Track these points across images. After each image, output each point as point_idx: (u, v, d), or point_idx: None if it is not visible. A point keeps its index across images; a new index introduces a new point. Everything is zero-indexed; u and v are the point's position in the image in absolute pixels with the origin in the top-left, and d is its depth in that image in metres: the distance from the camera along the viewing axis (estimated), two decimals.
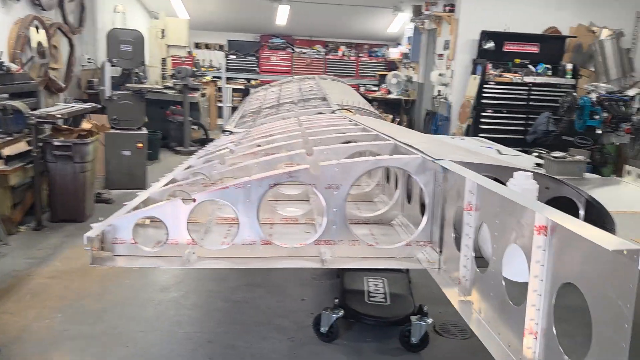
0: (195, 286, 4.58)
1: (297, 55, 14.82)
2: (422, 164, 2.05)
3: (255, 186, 2.02)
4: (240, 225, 2.05)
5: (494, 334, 1.43)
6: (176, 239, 2.03)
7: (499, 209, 1.43)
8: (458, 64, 10.01)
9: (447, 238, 1.90)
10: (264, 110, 7.13)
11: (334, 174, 2.03)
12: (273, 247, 2.08)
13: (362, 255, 2.10)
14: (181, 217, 2.02)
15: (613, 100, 7.76)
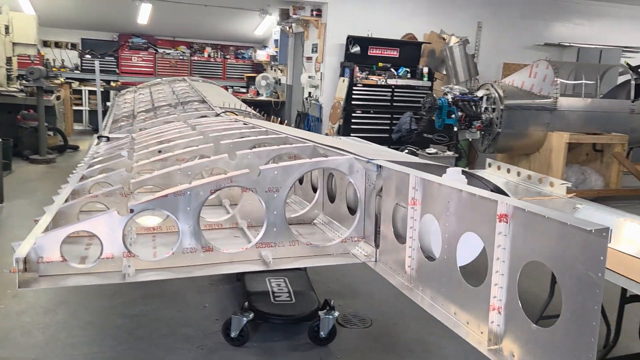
0: (83, 304, 4.27)
1: (161, 56, 14.27)
2: (354, 165, 2.17)
3: (196, 193, 1.99)
4: (181, 233, 2.00)
5: (450, 315, 1.59)
6: (111, 253, 1.93)
7: (450, 202, 1.60)
8: (327, 66, 10.41)
9: (385, 232, 2.04)
10: (140, 114, 6.81)
11: (274, 177, 2.07)
12: (215, 253, 2.06)
13: (302, 254, 2.17)
14: (117, 229, 1.92)
15: (465, 101, 8.64)
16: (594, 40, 11.87)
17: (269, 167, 2.08)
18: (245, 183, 2.06)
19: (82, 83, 13.74)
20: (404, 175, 1.86)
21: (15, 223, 6.22)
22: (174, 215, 1.98)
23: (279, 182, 2.08)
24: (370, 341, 3.99)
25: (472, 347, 3.88)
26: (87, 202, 2.42)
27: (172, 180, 2.48)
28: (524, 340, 1.31)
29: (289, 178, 2.10)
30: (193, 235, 2.01)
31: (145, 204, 1.94)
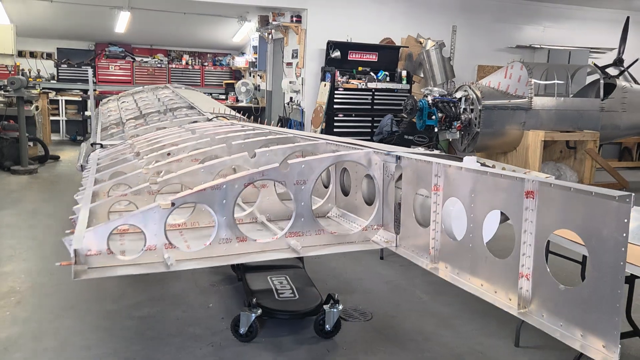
0: (91, 308, 4.32)
1: (138, 65, 14.24)
2: (373, 157, 2.34)
3: (231, 186, 2.12)
4: (217, 225, 2.13)
5: (477, 287, 1.76)
6: (154, 245, 2.05)
7: (475, 184, 1.77)
8: (308, 71, 10.59)
9: (406, 219, 2.21)
10: (129, 121, 6.86)
11: (301, 171, 2.22)
12: (248, 243, 2.19)
13: (327, 242, 2.32)
14: (159, 222, 2.04)
15: (445, 102, 8.91)
16: (563, 42, 12.35)
17: (297, 161, 2.22)
18: (275, 176, 2.20)
19: (58, 93, 13.61)
20: (425, 164, 2.03)
21: (6, 233, 6.19)
22: (211, 208, 2.11)
23: (306, 175, 2.23)
24: (373, 333, 4.15)
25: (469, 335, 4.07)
26: (116, 200, 2.52)
27: (195, 178, 2.60)
28: (552, 301, 1.49)
29: (315, 171, 2.25)
30: (228, 227, 2.14)
31: (185, 197, 2.07)
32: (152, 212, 2.02)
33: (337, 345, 3.93)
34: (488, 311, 4.55)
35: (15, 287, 4.66)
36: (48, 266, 5.18)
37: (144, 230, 2.02)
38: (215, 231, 2.13)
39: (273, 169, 2.19)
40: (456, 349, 3.93)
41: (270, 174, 2.18)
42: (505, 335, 4.14)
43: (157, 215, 2.02)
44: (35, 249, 5.68)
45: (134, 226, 2.02)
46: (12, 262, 5.24)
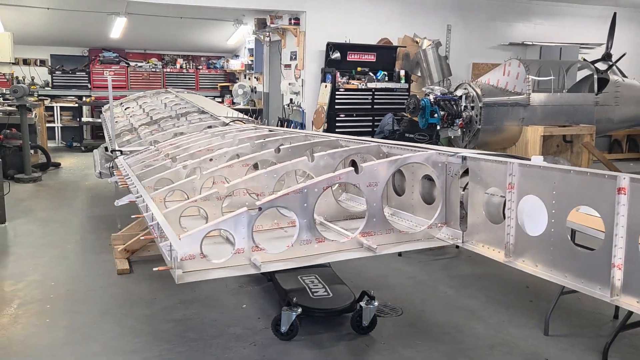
0: (125, 313, 4.37)
1: (133, 70, 14.19)
2: (437, 158, 2.46)
3: (312, 190, 2.22)
4: (299, 227, 2.23)
5: (561, 278, 1.89)
6: (242, 248, 2.14)
7: (556, 182, 1.89)
8: (307, 73, 10.68)
9: (474, 216, 2.33)
10: (141, 127, 6.90)
11: (374, 173, 2.33)
12: (326, 243, 2.30)
13: (396, 241, 2.43)
14: (247, 226, 2.13)
15: (446, 100, 9.08)
16: (553, 38, 12.62)
17: (370, 164, 2.33)
18: (350, 179, 2.30)
19: (53, 99, 13.52)
20: (496, 164, 2.16)
21: (24, 241, 6.20)
22: (293, 211, 2.21)
23: (377, 177, 2.34)
24: (407, 327, 4.27)
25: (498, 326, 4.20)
26: (187, 207, 2.60)
27: (260, 182, 2.70)
28: None
29: (386, 173, 2.36)
30: (308, 229, 2.24)
31: (270, 202, 2.16)
32: (241, 216, 2.11)
33: (375, 340, 4.05)
34: (512, 303, 4.72)
35: (48, 294, 4.69)
36: (75, 273, 5.22)
37: (233, 234, 2.11)
38: (297, 233, 2.23)
39: (349, 172, 2.29)
40: (488, 340, 4.07)
41: (347, 177, 2.29)
42: (533, 326, 4.30)
43: (246, 219, 2.12)
44: (58, 256, 5.70)
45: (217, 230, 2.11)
46: (38, 271, 5.26)
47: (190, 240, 2.04)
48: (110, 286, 4.93)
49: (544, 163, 2.02)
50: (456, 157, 2.39)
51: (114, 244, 5.93)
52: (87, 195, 8.64)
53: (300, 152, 3.39)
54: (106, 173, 5.80)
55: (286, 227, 2.84)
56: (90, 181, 9.70)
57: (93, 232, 6.61)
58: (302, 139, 3.92)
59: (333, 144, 3.42)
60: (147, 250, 5.66)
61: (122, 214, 6.34)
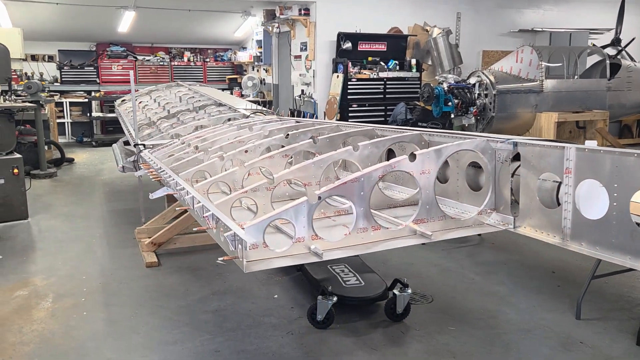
0: (160, 305, 4.42)
1: (141, 64, 14.19)
2: (487, 145, 2.48)
3: (368, 178, 2.25)
4: (356, 215, 2.26)
5: (624, 260, 1.93)
6: (302, 236, 2.18)
7: (618, 166, 1.92)
8: (319, 64, 10.68)
9: (526, 201, 2.36)
10: (160, 120, 6.93)
11: (426, 161, 2.36)
12: (382, 231, 2.33)
13: (448, 227, 2.46)
14: (307, 215, 2.16)
15: (460, 89, 9.09)
16: (563, 24, 12.58)
17: (423, 152, 2.36)
18: (404, 167, 2.33)
19: (62, 95, 13.54)
20: (552, 149, 2.18)
21: (50, 237, 6.25)
22: (350, 200, 2.24)
23: (430, 165, 2.37)
24: (439, 314, 4.32)
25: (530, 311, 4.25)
26: (238, 198, 2.64)
27: (308, 172, 2.73)
28: None
29: (438, 160, 2.39)
30: (365, 217, 2.28)
31: (330, 191, 2.19)
32: (302, 206, 2.14)
33: (409, 327, 4.10)
34: (541, 289, 4.77)
35: (81, 288, 4.75)
36: (104, 267, 5.28)
37: (294, 223, 2.15)
38: (354, 221, 2.27)
39: (402, 160, 2.32)
40: (522, 325, 4.11)
41: (401, 165, 2.32)
42: (565, 310, 4.34)
43: (306, 208, 2.15)
44: (85, 251, 5.76)
45: None
46: (67, 265, 5.31)
47: (254, 230, 2.08)
48: (141, 279, 4.99)
49: (602, 147, 2.05)
50: (507, 144, 2.42)
51: (139, 237, 5.98)
52: (104, 190, 8.69)
53: (337, 142, 3.42)
54: (129, 167, 5.84)
55: (333, 217, 2.88)
56: (105, 176, 9.75)
57: (115, 226, 6.66)
58: (335, 129, 3.94)
59: (369, 134, 3.45)
60: (174, 243, 5.70)
61: (146, 208, 6.39)
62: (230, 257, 2.08)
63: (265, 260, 2.09)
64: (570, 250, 2.17)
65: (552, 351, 3.74)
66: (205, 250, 5.71)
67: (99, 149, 12.87)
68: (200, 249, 5.74)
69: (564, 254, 5.48)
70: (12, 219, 6.76)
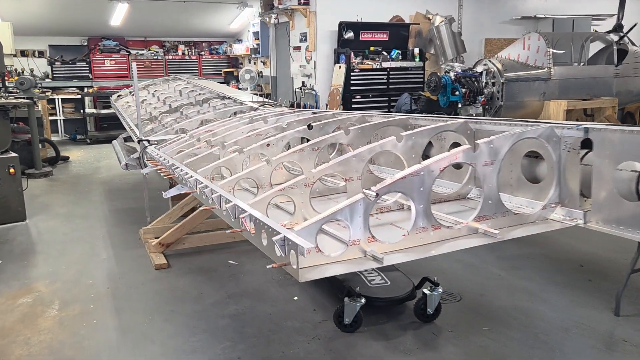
0: (175, 310, 4.16)
1: (134, 58, 13.81)
2: (553, 132, 2.24)
3: (428, 172, 2.00)
4: (415, 213, 2.02)
5: None
6: (358, 239, 1.93)
7: None
8: (320, 54, 10.39)
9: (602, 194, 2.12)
10: (162, 115, 6.64)
11: (489, 151, 2.11)
12: (442, 230, 2.09)
13: (511, 224, 2.22)
14: (364, 214, 1.92)
15: (467, 77, 8.85)
16: (565, 10, 12.37)
17: (485, 141, 2.11)
18: (466, 158, 2.09)
19: (54, 91, 13.16)
20: (633, 136, 1.95)
21: (50, 239, 5.95)
22: (409, 196, 1.99)
23: (492, 156, 2.12)
24: (471, 313, 4.09)
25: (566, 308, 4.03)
26: (275, 195, 2.38)
27: (348, 166, 2.48)
28: None
29: (501, 151, 2.14)
30: (425, 215, 2.03)
31: (388, 186, 1.94)
32: (358, 204, 1.89)
33: (441, 328, 3.87)
34: (571, 284, 4.56)
35: (89, 293, 4.47)
36: (110, 270, 5.00)
37: (349, 224, 1.90)
38: (413, 220, 2.02)
39: (465, 151, 2.07)
40: (559, 323, 3.90)
41: (462, 156, 2.07)
42: (601, 306, 4.13)
43: (362, 207, 1.90)
44: (89, 253, 5.47)
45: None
46: (71, 269, 5.03)
47: (306, 233, 1.82)
48: (151, 282, 4.72)
49: None
50: (576, 130, 2.17)
51: (145, 238, 5.70)
52: (102, 188, 8.38)
53: (369, 133, 3.17)
54: (133, 164, 5.56)
55: (377, 215, 2.63)
56: (103, 174, 9.44)
57: (118, 226, 6.37)
58: (360, 119, 3.69)
59: (402, 123, 3.20)
60: (182, 244, 5.43)
61: (150, 207, 6.10)
62: (279, 264, 1.82)
63: (320, 267, 1.84)
64: (597, 242, 1.94)
65: (597, 352, 3.53)
66: (215, 250, 5.45)
67: (94, 147, 12.52)
68: (209, 249, 5.48)
69: (590, 245, 5.28)
70: (10, 221, 6.45)
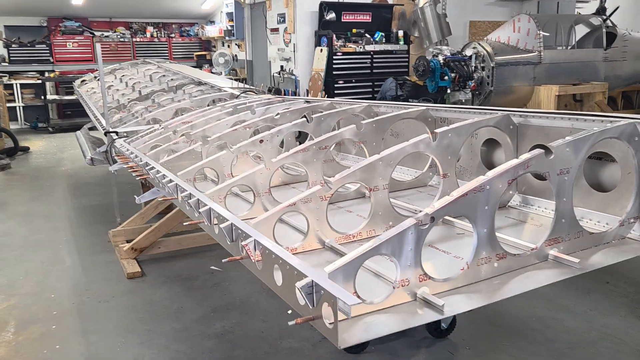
0: (152, 330, 3.63)
1: (99, 40, 12.95)
2: (634, 130, 1.79)
3: (494, 186, 1.52)
4: (477, 240, 1.54)
5: None
6: (407, 278, 1.44)
7: None
8: (299, 37, 9.81)
9: None
10: (132, 103, 6.00)
11: (566, 156, 1.65)
12: (508, 260, 1.61)
13: (587, 246, 1.77)
14: (416, 245, 1.43)
15: (457, 61, 8.41)
16: None
17: (561, 143, 1.64)
18: (539, 167, 1.61)
19: (12, 76, 12.24)
20: None
21: (8, 242, 5.30)
22: (470, 219, 1.51)
23: (569, 162, 1.66)
24: (487, 326, 3.68)
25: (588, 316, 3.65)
26: (284, 212, 1.87)
27: (375, 172, 1.98)
28: None
29: (579, 155, 1.67)
30: (489, 241, 1.55)
31: (447, 207, 1.45)
32: (408, 233, 1.40)
33: (457, 345, 3.44)
34: (589, 287, 4.19)
35: (51, 310, 3.89)
36: (76, 281, 4.42)
37: (397, 260, 1.41)
38: (474, 249, 1.54)
39: (537, 157, 1.59)
40: (585, 335, 3.52)
41: (535, 164, 1.59)
42: (624, 312, 3.78)
43: (414, 236, 1.41)
44: (51, 260, 4.87)
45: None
46: (31, 279, 4.43)
47: (343, 277, 1.33)
48: (123, 294, 4.16)
49: None
50: None
51: (114, 241, 5.12)
52: (66, 183, 7.69)
53: (385, 127, 2.67)
54: (100, 159, 4.96)
55: (338, 203, 2.14)
56: (67, 166, 8.72)
57: (84, 227, 5.75)
58: (367, 109, 3.19)
59: (423, 115, 2.71)
60: (157, 247, 4.88)
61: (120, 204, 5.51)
62: (305, 319, 1.33)
63: (362, 322, 1.35)
64: None
65: None
66: (195, 253, 4.92)
67: (57, 136, 11.71)
68: (188, 253, 4.94)
69: None
70: None
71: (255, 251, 1.66)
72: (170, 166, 3.11)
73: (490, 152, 2.61)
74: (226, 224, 1.85)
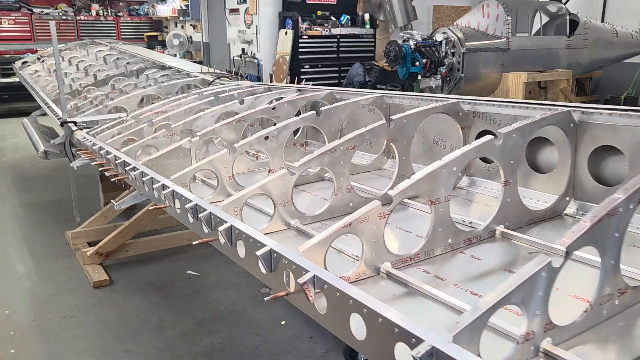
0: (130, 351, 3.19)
1: (38, 17, 11.92)
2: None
3: (626, 206, 1.22)
4: (604, 275, 1.24)
5: None
6: (532, 330, 1.12)
7: None
8: (262, 18, 9.31)
9: None
10: (87, 88, 5.41)
11: None
12: (628, 295, 1.32)
13: None
14: (545, 289, 1.11)
15: (428, 47, 8.18)
16: None
17: None
18: None
19: None
20: None
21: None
22: (599, 248, 1.20)
23: None
24: None
25: None
26: (338, 235, 1.50)
27: (436, 182, 1.64)
28: None
29: None
30: (613, 275, 1.26)
31: (580, 239, 1.13)
32: (540, 276, 1.08)
33: None
34: None
35: (6, 331, 3.37)
36: (34, 293, 3.89)
37: (526, 312, 1.09)
38: (599, 285, 1.24)
39: None
40: None
41: None
42: None
43: (545, 278, 1.09)
44: (2, 268, 4.29)
45: None
46: None
47: (468, 340, 1.00)
48: (91, 307, 3.68)
49: None
50: None
51: (74, 244, 4.59)
52: (10, 176, 6.96)
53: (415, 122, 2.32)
54: (56, 152, 4.39)
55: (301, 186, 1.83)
56: (9, 157, 7.94)
57: (37, 228, 5.16)
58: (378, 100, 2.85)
59: (453, 109, 2.39)
60: (125, 251, 4.38)
61: (78, 200, 4.95)
62: None
63: None
64: None
65: None
66: (167, 256, 4.46)
67: None
68: (160, 255, 4.48)
69: None
70: None
71: (314, 289, 1.30)
72: (155, 167, 2.67)
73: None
74: (264, 250, 1.47)
